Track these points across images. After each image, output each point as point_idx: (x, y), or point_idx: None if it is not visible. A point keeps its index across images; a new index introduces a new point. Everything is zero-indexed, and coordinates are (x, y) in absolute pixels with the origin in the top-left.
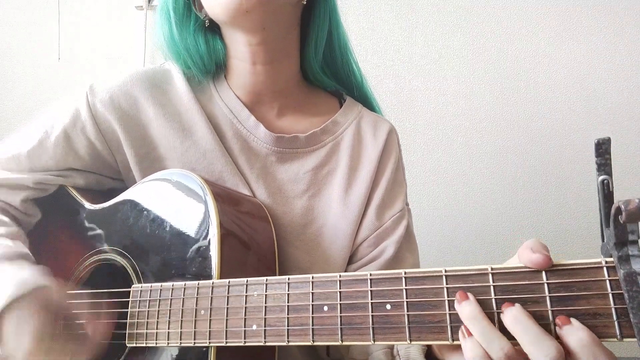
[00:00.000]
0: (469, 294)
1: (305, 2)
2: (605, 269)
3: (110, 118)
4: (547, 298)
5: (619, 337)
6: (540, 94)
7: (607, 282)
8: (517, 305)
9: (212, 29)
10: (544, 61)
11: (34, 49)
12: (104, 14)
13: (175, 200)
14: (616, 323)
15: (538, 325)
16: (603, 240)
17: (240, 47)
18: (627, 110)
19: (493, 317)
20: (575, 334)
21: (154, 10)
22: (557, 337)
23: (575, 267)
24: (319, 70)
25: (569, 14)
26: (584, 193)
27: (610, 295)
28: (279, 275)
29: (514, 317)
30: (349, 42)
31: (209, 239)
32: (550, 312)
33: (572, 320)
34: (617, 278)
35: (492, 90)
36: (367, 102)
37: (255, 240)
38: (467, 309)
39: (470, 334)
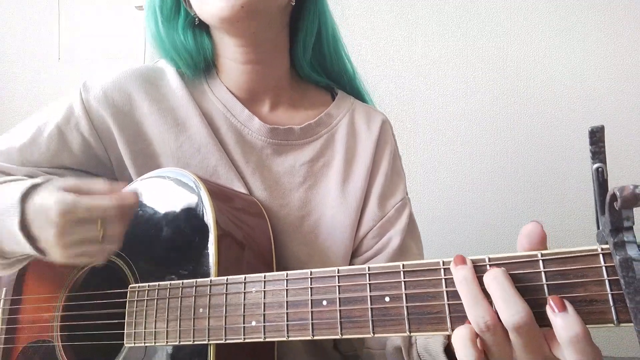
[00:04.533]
0: (468, 260)
1: (294, 3)
2: (601, 255)
3: (104, 114)
4: (545, 286)
5: (615, 322)
6: (540, 94)
7: (604, 268)
8: (502, 268)
9: (201, 26)
10: (544, 61)
11: (34, 49)
12: (104, 14)
13: (170, 199)
14: (613, 309)
15: (515, 288)
16: (598, 228)
17: (230, 48)
18: (627, 110)
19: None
20: (571, 329)
21: None
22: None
23: (571, 254)
24: (308, 68)
25: (569, 14)
26: (583, 193)
27: (607, 282)
28: (277, 269)
29: (493, 275)
30: (341, 39)
31: (206, 237)
32: (548, 299)
33: (569, 308)
34: (613, 264)
35: (492, 91)
36: (359, 96)
37: (252, 237)
38: (461, 272)
39: None
